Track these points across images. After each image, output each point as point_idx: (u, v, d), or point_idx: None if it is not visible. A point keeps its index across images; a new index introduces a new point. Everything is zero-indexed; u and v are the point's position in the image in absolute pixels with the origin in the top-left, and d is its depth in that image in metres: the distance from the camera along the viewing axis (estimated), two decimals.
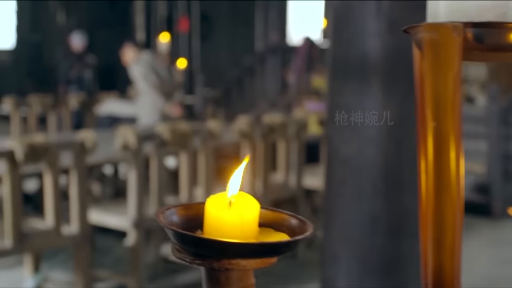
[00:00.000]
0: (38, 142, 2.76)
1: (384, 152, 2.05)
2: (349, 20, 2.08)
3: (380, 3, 2.00)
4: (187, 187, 3.45)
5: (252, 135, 3.78)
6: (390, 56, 2.03)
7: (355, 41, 2.07)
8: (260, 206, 0.51)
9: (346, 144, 2.09)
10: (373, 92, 2.04)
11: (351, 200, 2.10)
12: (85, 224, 3.00)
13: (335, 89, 2.14)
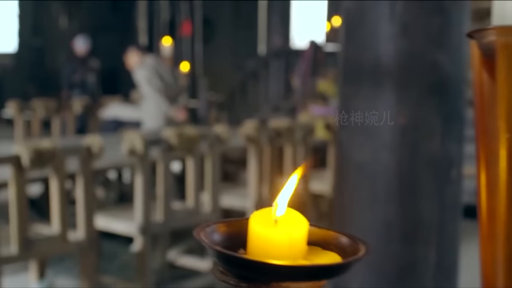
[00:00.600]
0: (45, 147, 2.73)
1: (398, 157, 2.02)
2: (361, 23, 2.05)
3: (394, 6, 1.97)
4: (194, 193, 3.41)
5: (258, 139, 3.74)
6: (403, 60, 2.00)
7: (368, 44, 2.03)
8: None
9: (359, 149, 2.06)
10: (386, 96, 2.01)
11: (365, 207, 2.06)
12: (91, 230, 2.96)
13: (347, 93, 2.10)
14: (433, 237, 2.04)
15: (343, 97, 2.13)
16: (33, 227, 2.99)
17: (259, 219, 0.46)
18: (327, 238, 0.50)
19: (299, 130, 4.10)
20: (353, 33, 2.09)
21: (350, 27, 2.10)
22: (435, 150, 2.01)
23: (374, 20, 2.02)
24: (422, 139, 2.01)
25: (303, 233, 0.47)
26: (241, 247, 0.48)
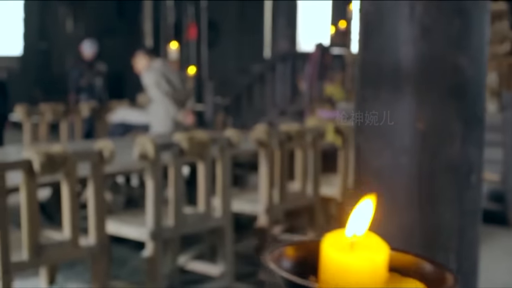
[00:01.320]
0: (56, 152, 2.70)
1: (418, 162, 1.98)
2: (380, 25, 2.02)
3: (413, 8, 1.94)
4: (204, 197, 3.38)
5: (269, 143, 3.71)
6: (423, 64, 1.96)
7: (387, 47, 2.00)
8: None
9: (377, 155, 2.02)
10: (406, 100, 1.97)
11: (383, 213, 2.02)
12: (102, 235, 2.93)
13: (365, 97, 2.07)
14: (453, 243, 2.01)
15: (361, 101, 2.10)
16: (43, 232, 2.97)
17: (333, 243, 0.43)
18: (406, 263, 0.46)
19: (309, 134, 4.07)
20: (371, 36, 2.06)
21: (368, 29, 2.06)
22: (455, 155, 1.98)
23: (393, 22, 1.99)
24: (442, 143, 1.98)
25: (383, 258, 0.42)
26: (312, 272, 0.44)
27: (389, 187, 2.01)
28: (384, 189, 2.03)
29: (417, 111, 1.96)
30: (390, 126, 1.98)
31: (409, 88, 1.97)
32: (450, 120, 1.97)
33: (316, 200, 4.19)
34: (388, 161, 2.01)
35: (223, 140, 3.41)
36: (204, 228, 3.44)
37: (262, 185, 3.75)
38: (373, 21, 2.05)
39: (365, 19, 2.08)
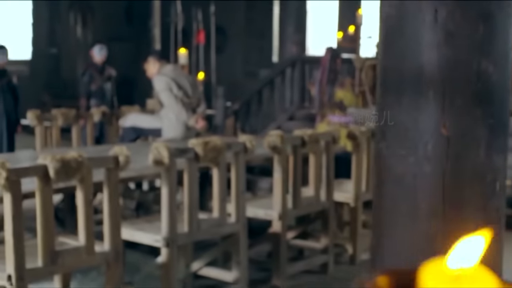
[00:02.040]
0: (71, 158, 2.68)
1: (441, 169, 1.95)
2: (402, 31, 1.99)
3: (437, 14, 1.91)
4: (219, 203, 3.36)
5: (283, 149, 3.69)
6: (447, 69, 1.94)
7: (409, 53, 1.97)
8: None
9: (400, 161, 1.99)
10: (429, 107, 1.94)
11: (406, 221, 1.99)
12: (117, 241, 2.91)
13: (387, 104, 2.04)
14: None
15: (383, 107, 2.07)
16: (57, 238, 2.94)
17: (434, 274, 0.39)
18: None
19: (323, 139, 4.05)
20: (392, 41, 2.03)
21: (389, 34, 2.03)
22: (480, 161, 1.94)
23: (416, 26, 1.96)
24: (466, 150, 1.95)
25: None
26: None
27: (412, 195, 1.98)
28: (407, 197, 2.00)
29: (441, 117, 1.93)
30: (413, 132, 1.95)
31: (432, 94, 1.94)
32: (474, 126, 1.94)
33: (329, 205, 4.17)
34: (411, 168, 1.98)
35: (238, 145, 3.38)
36: (219, 234, 3.42)
37: (276, 190, 3.72)
38: (394, 25, 2.02)
39: (386, 23, 2.06)
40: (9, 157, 4.40)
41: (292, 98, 8.75)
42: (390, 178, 2.03)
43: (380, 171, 2.08)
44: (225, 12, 12.41)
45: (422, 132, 1.95)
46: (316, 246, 4.34)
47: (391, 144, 2.02)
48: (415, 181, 1.97)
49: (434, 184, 1.96)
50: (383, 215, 2.09)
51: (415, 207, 1.98)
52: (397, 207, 2.02)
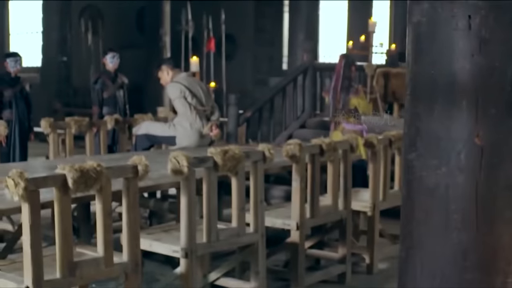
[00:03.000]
0: (90, 168, 2.64)
1: (474, 180, 1.89)
2: (433, 38, 1.94)
3: (470, 19, 1.86)
4: (237, 212, 3.31)
5: (301, 157, 3.64)
6: (480, 78, 1.88)
7: (441, 60, 1.92)
8: None
9: (431, 172, 1.93)
10: (462, 116, 1.89)
11: (438, 233, 1.94)
12: (136, 252, 2.86)
13: (417, 113, 1.99)
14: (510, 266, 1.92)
15: (413, 116, 2.01)
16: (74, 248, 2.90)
17: None
18: None
19: (341, 148, 3.99)
20: (423, 48, 1.97)
21: (420, 41, 1.98)
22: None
23: (448, 34, 1.90)
24: (501, 161, 1.88)
25: None
26: None
27: (444, 206, 1.93)
28: (439, 208, 1.95)
29: (474, 126, 1.88)
30: (445, 142, 1.89)
31: (465, 103, 1.89)
32: (508, 136, 1.88)
33: (347, 214, 4.11)
34: (443, 179, 1.92)
35: (257, 154, 3.33)
36: (237, 245, 3.36)
37: (295, 199, 3.67)
38: (425, 32, 1.97)
39: (416, 30, 2.00)
40: (23, 166, 4.37)
41: (303, 106, 8.70)
42: (421, 189, 1.98)
43: (410, 182, 2.03)
44: (235, 20, 12.39)
45: (455, 141, 1.89)
46: (333, 255, 4.28)
47: (422, 154, 1.96)
48: (448, 192, 1.91)
49: (467, 195, 1.90)
50: (413, 227, 2.03)
51: (447, 218, 1.92)
52: (429, 219, 1.96)
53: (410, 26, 2.03)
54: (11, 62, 6.75)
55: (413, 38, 2.02)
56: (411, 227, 2.05)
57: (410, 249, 2.06)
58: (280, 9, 14.38)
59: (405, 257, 2.08)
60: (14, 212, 3.30)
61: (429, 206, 1.97)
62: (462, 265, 1.91)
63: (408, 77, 2.06)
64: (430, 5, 1.93)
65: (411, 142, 2.03)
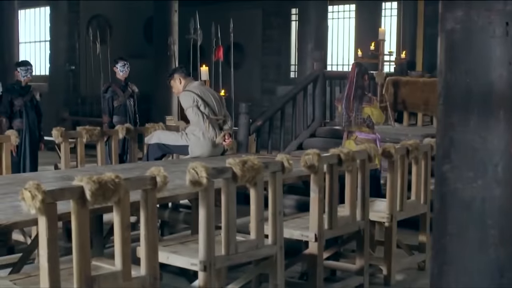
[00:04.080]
0: (108, 179, 2.57)
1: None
2: (468, 46, 1.87)
3: (508, 26, 1.80)
4: (256, 224, 3.23)
5: (320, 168, 3.57)
6: None
7: (477, 69, 1.86)
8: None
9: (467, 185, 1.87)
10: (500, 126, 1.82)
11: (473, 249, 1.86)
12: (154, 265, 2.79)
13: (451, 123, 1.92)
14: None
15: (446, 127, 1.94)
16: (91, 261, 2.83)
17: None
18: None
19: (359, 158, 3.92)
20: (458, 57, 1.90)
21: (454, 49, 1.91)
22: None
23: (484, 41, 1.84)
24: None
25: None
26: None
27: (480, 221, 1.86)
28: (475, 223, 1.88)
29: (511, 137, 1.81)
30: (482, 153, 1.83)
31: (503, 113, 1.82)
32: None
33: (365, 225, 4.04)
34: (480, 191, 1.85)
35: (275, 165, 3.27)
36: (256, 257, 3.29)
37: (313, 210, 3.60)
38: (459, 40, 1.91)
39: (450, 38, 1.94)
40: (36, 177, 4.31)
41: (314, 115, 8.62)
42: (456, 203, 1.90)
43: (444, 194, 1.95)
44: (243, 29, 12.36)
45: (492, 153, 1.83)
46: (350, 267, 4.20)
47: (456, 166, 1.90)
48: (484, 206, 1.84)
49: (505, 209, 1.83)
50: (447, 242, 1.96)
51: (483, 233, 1.85)
52: (464, 234, 1.89)
53: (443, 34, 1.97)
54: (22, 71, 6.71)
55: (446, 46, 1.96)
56: (445, 242, 1.98)
57: (444, 265, 1.99)
58: (288, 18, 14.35)
59: (438, 273, 2.01)
60: (29, 225, 3.25)
61: (464, 220, 1.90)
62: (499, 282, 1.84)
63: (440, 86, 1.99)
64: (465, 12, 1.87)
65: (445, 154, 1.96)
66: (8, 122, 6.70)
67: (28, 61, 7.04)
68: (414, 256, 4.70)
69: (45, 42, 14.66)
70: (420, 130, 8.29)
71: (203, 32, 10.59)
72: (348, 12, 13.16)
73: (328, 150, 3.79)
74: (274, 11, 14.29)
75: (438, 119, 2.01)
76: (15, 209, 3.01)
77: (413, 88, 9.10)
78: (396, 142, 6.44)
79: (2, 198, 3.38)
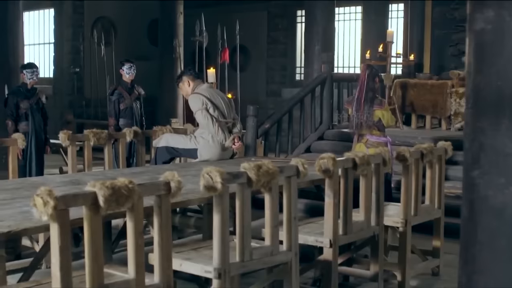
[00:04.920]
0: (122, 185, 2.50)
1: None
2: (500, 48, 1.80)
3: None
4: (271, 230, 3.16)
5: (335, 172, 3.49)
6: None
7: (509, 71, 1.78)
8: None
9: (498, 192, 1.80)
10: None
11: (505, 258, 1.79)
12: (168, 273, 2.72)
13: (481, 127, 1.85)
14: None
15: (475, 131, 1.87)
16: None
17: None
18: None
19: (373, 162, 3.85)
20: (488, 58, 1.83)
21: (484, 51, 1.84)
22: None
23: None
24: None
25: None
26: None
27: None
28: (506, 231, 1.80)
29: None
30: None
31: None
32: None
33: (380, 230, 3.96)
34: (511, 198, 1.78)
35: (290, 169, 3.19)
36: (271, 264, 3.22)
37: (328, 216, 3.53)
38: (490, 41, 1.83)
39: (479, 39, 1.87)
40: (43, 181, 4.24)
41: (321, 117, 8.55)
42: (486, 210, 1.83)
43: (472, 201, 1.88)
44: (248, 31, 12.30)
45: None
46: (364, 273, 4.13)
47: (487, 171, 1.82)
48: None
49: None
50: (476, 250, 1.89)
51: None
52: (495, 242, 1.82)
53: (471, 35, 1.89)
54: (28, 74, 6.65)
55: (475, 47, 1.88)
56: (474, 250, 1.91)
57: (473, 274, 1.92)
58: (293, 20, 14.28)
59: (466, 283, 1.94)
60: (39, 232, 3.18)
61: (495, 228, 1.83)
62: None
63: (469, 89, 1.92)
64: (496, 13, 1.80)
65: (474, 159, 1.88)
66: (14, 125, 6.64)
67: (34, 64, 6.98)
68: (428, 261, 4.62)
69: (49, 44, 14.60)
70: (429, 133, 8.21)
71: (208, 34, 10.53)
72: (354, 14, 13.07)
73: (337, 153, 3.72)
74: (280, 13, 14.23)
75: (465, 123, 1.93)
76: (24, 215, 2.94)
77: (422, 90, 9.04)
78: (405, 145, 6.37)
79: (10, 203, 3.31)
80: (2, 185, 3.99)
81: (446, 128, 8.77)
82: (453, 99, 8.48)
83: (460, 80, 8.86)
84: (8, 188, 3.77)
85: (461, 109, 8.41)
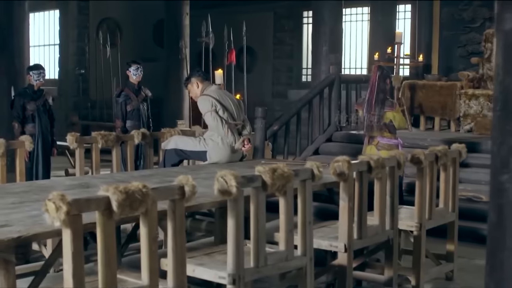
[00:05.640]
0: (136, 189, 2.44)
1: None
2: None
3: None
4: (285, 235, 3.10)
5: (350, 175, 3.43)
6: None
7: None
8: None
9: None
10: None
11: None
12: (182, 279, 2.66)
13: (510, 130, 1.78)
14: None
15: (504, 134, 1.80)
16: None
17: None
18: None
19: (388, 164, 3.78)
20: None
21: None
22: None
23: None
24: None
25: None
26: None
27: None
28: None
29: None
30: None
31: None
32: None
33: (394, 234, 3.89)
34: None
35: (305, 172, 3.13)
36: (286, 269, 3.16)
37: (342, 220, 3.46)
38: None
39: (509, 39, 1.81)
40: (51, 184, 4.18)
41: (329, 119, 8.49)
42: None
43: (501, 206, 1.82)
44: (254, 33, 12.24)
45: None
46: (379, 277, 4.06)
47: None
48: None
49: None
50: (505, 257, 1.82)
51: None
52: None
53: (500, 35, 1.83)
54: (35, 75, 6.60)
55: (504, 47, 1.82)
56: (502, 257, 1.84)
57: (501, 281, 1.85)
58: (299, 21, 14.22)
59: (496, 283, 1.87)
60: (50, 236, 3.12)
61: None
62: None
63: (497, 90, 1.86)
64: None
65: (503, 163, 1.82)
66: (21, 127, 6.59)
67: (40, 65, 6.93)
68: (442, 265, 4.55)
69: (54, 45, 14.57)
70: (438, 135, 8.14)
71: (214, 35, 10.48)
72: (361, 15, 13.00)
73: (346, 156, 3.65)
74: (286, 14, 14.17)
75: (493, 126, 1.86)
76: (34, 219, 2.88)
77: (430, 91, 8.97)
78: (414, 147, 6.30)
79: (19, 207, 3.25)
80: (10, 188, 3.93)
81: (455, 129, 8.70)
82: (462, 100, 8.41)
83: (469, 81, 8.79)
84: (16, 192, 3.72)
85: (470, 111, 8.34)
